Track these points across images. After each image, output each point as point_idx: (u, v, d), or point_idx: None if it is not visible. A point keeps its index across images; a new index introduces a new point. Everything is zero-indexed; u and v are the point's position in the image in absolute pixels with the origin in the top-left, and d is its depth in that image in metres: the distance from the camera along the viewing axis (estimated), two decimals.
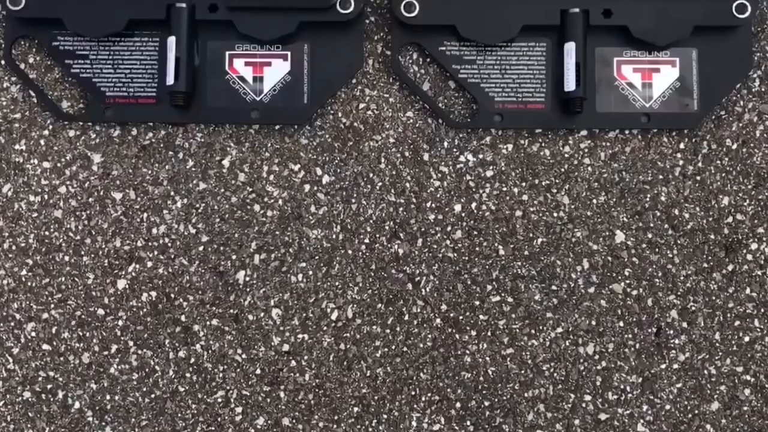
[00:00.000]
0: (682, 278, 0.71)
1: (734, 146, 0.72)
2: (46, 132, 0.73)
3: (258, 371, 0.71)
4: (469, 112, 0.73)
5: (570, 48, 0.70)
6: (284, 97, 0.72)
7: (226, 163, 0.72)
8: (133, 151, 0.72)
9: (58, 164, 0.72)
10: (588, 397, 0.71)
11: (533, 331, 0.71)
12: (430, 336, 0.71)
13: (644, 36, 0.71)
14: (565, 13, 0.71)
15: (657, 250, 0.72)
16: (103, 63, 0.72)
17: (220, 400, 0.71)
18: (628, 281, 0.71)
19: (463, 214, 0.72)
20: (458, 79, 0.72)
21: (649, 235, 0.72)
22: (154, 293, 0.71)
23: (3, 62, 0.73)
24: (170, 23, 0.70)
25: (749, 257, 0.72)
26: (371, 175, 0.72)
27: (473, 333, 0.71)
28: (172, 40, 0.70)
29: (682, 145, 0.72)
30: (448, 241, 0.71)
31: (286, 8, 0.70)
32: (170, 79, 0.70)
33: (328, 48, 0.72)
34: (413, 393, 0.71)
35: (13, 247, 0.72)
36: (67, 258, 0.71)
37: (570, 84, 0.70)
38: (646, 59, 0.72)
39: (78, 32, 0.71)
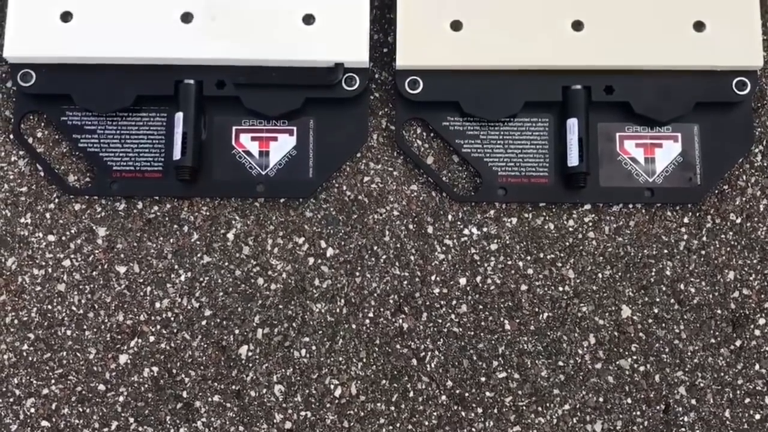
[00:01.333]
0: (689, 354, 0.68)
1: (738, 220, 0.70)
2: (52, 205, 0.71)
3: None
4: (473, 186, 0.71)
5: (572, 124, 0.69)
6: (290, 171, 0.70)
7: (230, 236, 0.70)
8: (138, 225, 0.71)
9: (63, 237, 0.70)
10: None
11: (540, 409, 0.68)
12: (435, 413, 0.68)
13: (646, 112, 0.70)
14: (567, 90, 0.70)
15: (664, 325, 0.69)
16: (111, 138, 0.71)
17: None
18: (635, 357, 0.68)
19: (468, 288, 0.69)
20: (462, 154, 0.71)
21: (656, 310, 0.69)
22: (155, 368, 0.68)
23: (12, 137, 0.72)
24: (178, 99, 0.69)
25: (757, 332, 0.69)
26: (375, 248, 0.70)
27: (479, 410, 0.68)
28: (179, 116, 0.69)
29: (686, 220, 0.70)
30: (453, 316, 0.69)
31: (292, 85, 0.69)
32: (177, 154, 0.68)
33: (333, 123, 0.71)
34: None
35: (15, 321, 0.69)
36: (69, 332, 0.69)
37: (573, 159, 0.69)
38: (648, 134, 0.71)
39: (87, 108, 0.70)
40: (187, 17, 0.69)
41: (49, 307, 0.69)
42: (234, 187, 0.70)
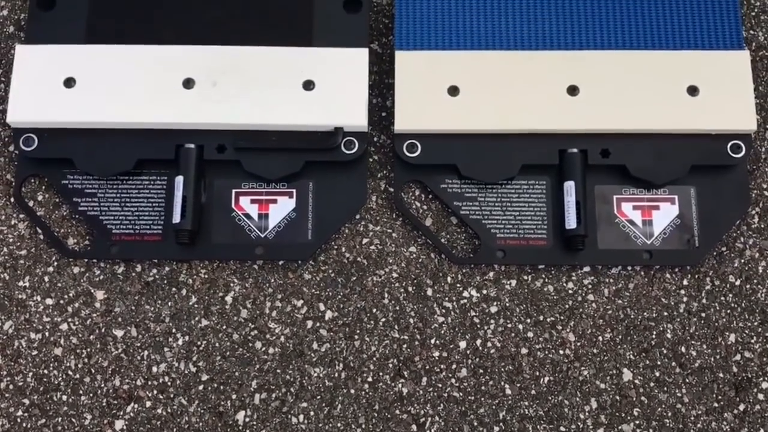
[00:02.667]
0: (692, 418, 0.66)
1: (737, 282, 0.69)
2: (50, 269, 0.69)
3: None
4: (472, 248, 0.70)
5: (569, 187, 0.68)
6: (289, 234, 0.69)
7: (228, 299, 0.68)
8: (136, 288, 0.69)
9: (61, 301, 0.68)
10: None
11: None
12: None
13: (642, 175, 0.68)
14: (564, 153, 0.69)
15: (665, 388, 0.66)
16: (111, 201, 0.69)
17: None
18: (637, 421, 0.66)
19: (468, 351, 0.67)
20: (460, 216, 0.70)
21: (657, 374, 0.67)
22: None
23: (13, 200, 0.70)
24: (179, 163, 0.68)
25: (761, 396, 0.66)
26: (374, 310, 0.68)
27: None
28: (179, 180, 0.68)
29: (685, 282, 0.69)
30: (453, 380, 0.66)
31: (292, 149, 0.69)
32: (177, 218, 0.67)
33: (332, 185, 0.70)
34: None
35: (11, 387, 0.67)
36: (65, 398, 0.66)
37: (571, 222, 0.67)
38: (645, 197, 0.70)
39: (88, 172, 0.69)
40: (188, 83, 0.69)
41: (45, 371, 0.67)
42: (233, 249, 0.69)
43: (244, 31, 0.71)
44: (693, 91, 0.69)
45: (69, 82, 0.69)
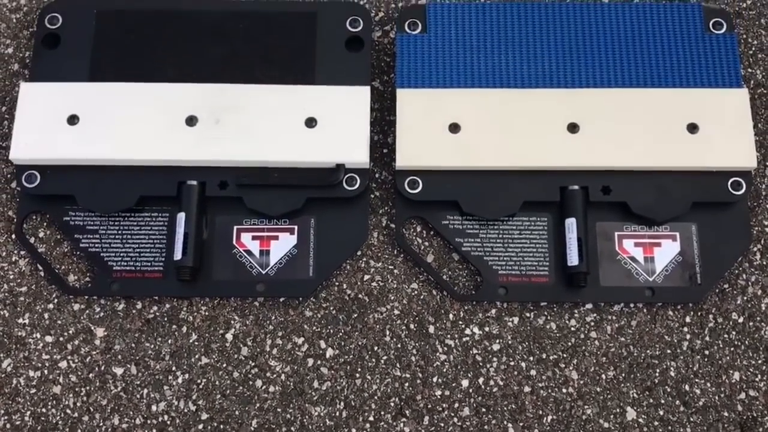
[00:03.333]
0: None
1: (741, 320, 0.68)
2: (50, 306, 0.68)
3: None
4: (474, 285, 0.69)
5: (571, 224, 0.67)
6: (290, 270, 0.68)
7: (229, 336, 0.67)
8: (136, 325, 0.68)
9: (61, 338, 0.67)
10: None
11: None
12: None
13: (643, 212, 0.68)
14: (565, 190, 0.68)
15: (670, 427, 0.65)
16: (112, 238, 0.69)
17: None
18: None
19: (470, 390, 0.66)
20: (462, 252, 0.69)
21: (661, 412, 0.66)
22: None
23: (14, 236, 0.70)
24: (181, 200, 0.68)
25: None
26: (376, 348, 0.67)
27: None
28: (181, 217, 0.67)
29: (688, 319, 0.68)
30: (455, 419, 0.65)
31: (293, 186, 0.68)
32: (178, 254, 0.66)
33: (334, 222, 0.69)
34: None
35: (8, 426, 0.65)
36: None
37: (573, 259, 0.66)
38: (647, 234, 0.69)
39: (90, 209, 0.68)
40: (191, 120, 0.69)
41: (44, 410, 0.66)
42: (234, 286, 0.68)
43: (247, 70, 0.71)
44: (693, 128, 0.69)
45: (72, 120, 0.69)
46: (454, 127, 0.69)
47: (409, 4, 0.76)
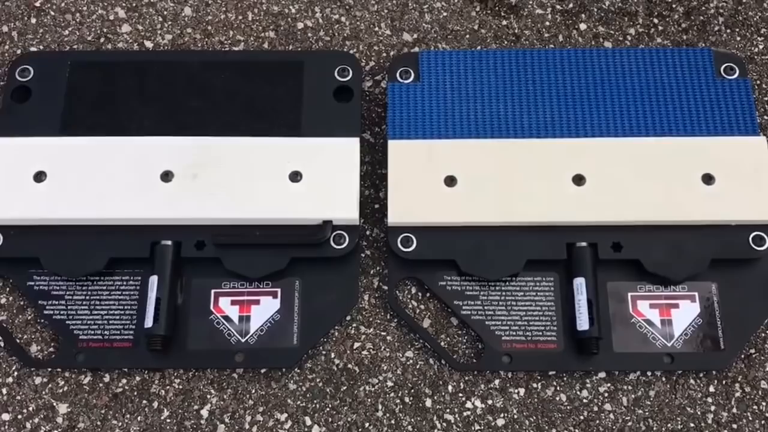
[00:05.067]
0: None
1: None
2: (10, 379, 0.61)
3: None
4: (475, 352, 0.62)
5: (579, 284, 0.61)
6: (272, 338, 0.62)
7: (204, 412, 0.60)
8: (103, 401, 0.61)
9: (19, 416, 0.60)
10: None
11: None
12: None
13: (658, 270, 0.62)
14: (572, 247, 0.62)
15: None
16: (79, 304, 0.62)
17: None
18: None
19: None
20: (461, 316, 0.62)
21: None
22: None
23: None
24: (154, 261, 0.62)
25: None
26: (367, 424, 0.60)
27: None
28: (153, 280, 0.61)
29: (711, 388, 0.61)
30: None
31: (276, 245, 0.62)
32: (149, 322, 0.60)
33: (321, 284, 0.63)
34: None
35: None
36: None
37: (583, 323, 0.60)
38: (663, 294, 0.63)
39: (56, 273, 0.62)
40: (167, 176, 0.63)
41: None
42: (210, 357, 0.61)
43: (228, 122, 0.66)
44: (708, 179, 0.63)
45: (39, 176, 0.63)
46: (450, 180, 0.63)
47: (401, 53, 0.71)
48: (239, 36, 0.73)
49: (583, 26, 0.73)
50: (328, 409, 0.60)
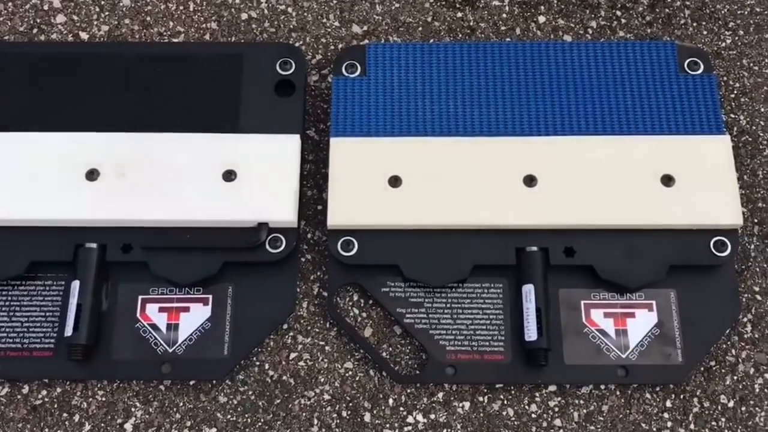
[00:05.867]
0: None
1: (731, 404, 0.57)
2: None
3: None
4: (418, 363, 0.58)
5: (528, 291, 0.57)
6: (201, 348, 0.58)
7: (128, 426, 0.56)
8: (21, 414, 0.57)
9: None
10: None
11: None
12: None
13: (613, 277, 0.58)
14: (522, 252, 0.58)
15: None
16: None
17: None
18: None
19: None
20: (404, 325, 0.59)
21: None
22: None
23: None
24: (76, 265, 0.58)
25: None
26: None
27: None
28: (75, 285, 0.57)
29: (668, 403, 0.57)
30: None
31: (208, 248, 0.58)
32: (69, 330, 0.56)
33: (255, 290, 0.59)
34: None
35: None
36: None
37: (531, 333, 0.56)
38: (618, 302, 0.59)
39: None
40: (92, 174, 0.59)
41: None
42: (136, 367, 0.57)
43: (162, 118, 0.62)
44: (668, 180, 0.59)
45: None
46: (395, 181, 0.60)
47: (349, 46, 0.68)
48: (180, 27, 0.69)
49: (542, 19, 0.69)
50: (260, 423, 0.57)
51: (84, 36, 0.68)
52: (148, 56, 0.64)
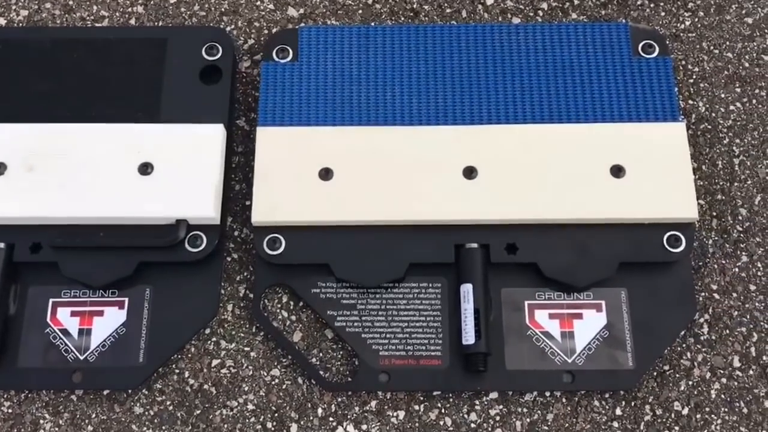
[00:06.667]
0: None
1: (685, 411, 0.53)
2: None
3: None
4: (350, 370, 0.54)
5: (467, 291, 0.53)
6: (116, 355, 0.54)
7: None
8: None
9: None
10: None
11: None
12: None
13: (559, 275, 0.54)
14: (461, 249, 0.54)
15: None
16: None
17: None
18: None
19: None
20: (335, 329, 0.54)
21: None
22: None
23: None
24: None
25: None
26: None
27: None
28: None
29: (618, 411, 0.53)
30: None
31: (122, 247, 0.54)
32: None
33: (175, 292, 0.55)
34: None
35: None
36: None
37: (469, 336, 0.52)
38: (564, 303, 0.55)
39: None
40: None
41: None
42: (45, 376, 0.53)
43: (77, 107, 0.58)
44: (618, 171, 0.55)
45: None
46: (326, 173, 0.55)
47: (282, 29, 0.63)
48: (104, 11, 0.65)
49: (489, 0, 0.65)
50: None
51: (1, 21, 0.64)
52: (65, 42, 0.60)
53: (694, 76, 0.62)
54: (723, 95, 0.61)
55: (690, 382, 0.54)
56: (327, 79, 0.59)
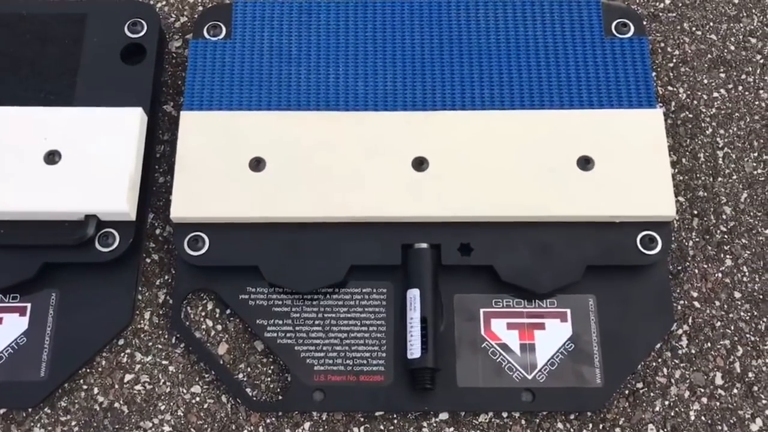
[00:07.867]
0: None
1: None
2: None
3: None
4: (281, 387, 0.48)
5: (413, 297, 0.47)
6: (14, 369, 0.48)
7: None
8: None
9: None
10: None
11: None
12: None
13: (518, 280, 0.48)
14: (409, 250, 0.48)
15: None
16: None
17: None
18: None
19: None
20: (265, 340, 0.48)
21: None
22: None
23: None
24: None
25: None
26: None
27: None
28: None
29: None
30: None
31: (24, 246, 0.48)
32: None
33: (85, 297, 0.49)
34: None
35: None
36: None
37: (414, 349, 0.46)
38: (525, 311, 0.49)
39: None
40: None
41: None
42: None
43: None
44: (586, 163, 0.49)
45: None
46: (257, 164, 0.49)
47: (216, 4, 0.57)
48: None
49: None
50: None
51: None
52: None
53: (675, 60, 0.56)
54: (706, 81, 0.55)
55: (666, 402, 0.47)
56: (262, 59, 0.53)
